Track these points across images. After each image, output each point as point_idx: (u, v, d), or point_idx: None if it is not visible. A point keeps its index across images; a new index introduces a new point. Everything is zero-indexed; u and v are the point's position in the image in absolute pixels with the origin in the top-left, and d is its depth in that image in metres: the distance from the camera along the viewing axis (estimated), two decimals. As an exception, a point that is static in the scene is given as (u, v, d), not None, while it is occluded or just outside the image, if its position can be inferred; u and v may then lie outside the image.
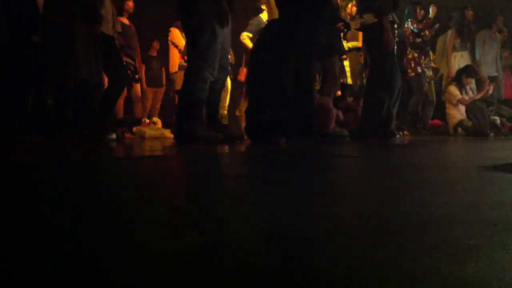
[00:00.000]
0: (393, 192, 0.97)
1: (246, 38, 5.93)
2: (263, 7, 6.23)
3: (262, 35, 3.88)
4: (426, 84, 7.14)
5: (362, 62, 6.48)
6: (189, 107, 3.36)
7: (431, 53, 7.38)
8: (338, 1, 5.18)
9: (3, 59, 3.76)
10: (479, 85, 6.98)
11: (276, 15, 3.95)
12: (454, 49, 7.24)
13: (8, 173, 1.37)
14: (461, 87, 6.82)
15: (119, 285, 0.39)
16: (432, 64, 7.41)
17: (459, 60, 7.15)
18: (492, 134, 6.45)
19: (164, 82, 7.17)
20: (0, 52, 3.73)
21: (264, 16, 6.18)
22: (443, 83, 7.42)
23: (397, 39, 4.72)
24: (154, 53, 7.08)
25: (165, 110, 7.19)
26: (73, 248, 0.50)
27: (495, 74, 7.42)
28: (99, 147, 3.19)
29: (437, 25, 7.19)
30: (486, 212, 0.71)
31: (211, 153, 2.48)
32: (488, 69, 7.32)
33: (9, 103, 3.85)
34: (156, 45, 7.04)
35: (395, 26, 4.55)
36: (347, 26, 4.87)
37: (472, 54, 7.33)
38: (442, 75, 7.50)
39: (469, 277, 0.40)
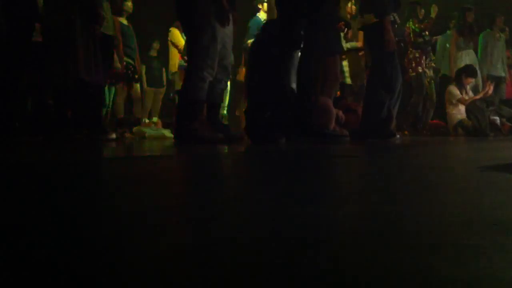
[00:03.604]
0: (393, 192, 0.97)
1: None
2: (260, 6, 6.24)
3: (261, 35, 3.87)
4: (427, 84, 7.13)
5: (362, 62, 6.48)
6: (189, 107, 3.36)
7: (431, 53, 7.37)
8: (338, 0, 5.17)
9: (3, 59, 3.76)
10: (484, 85, 6.98)
11: (275, 14, 3.95)
12: (459, 48, 7.19)
13: (8, 173, 1.37)
14: (461, 87, 6.82)
15: (119, 285, 0.39)
16: (433, 64, 7.40)
17: (466, 58, 7.11)
18: (492, 134, 6.45)
19: (164, 82, 7.17)
20: (0, 52, 3.73)
21: (261, 15, 6.19)
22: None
23: (397, 38, 4.72)
24: (155, 54, 7.09)
25: (165, 110, 7.19)
26: (72, 248, 0.50)
27: (503, 74, 7.38)
28: (98, 147, 3.19)
29: (438, 36, 7.24)
30: (486, 212, 0.71)
31: (211, 153, 2.48)
32: (495, 70, 7.29)
33: (9, 103, 3.85)
34: (156, 45, 7.05)
35: (395, 26, 4.55)
36: (348, 25, 4.87)
37: (477, 53, 7.30)
38: (444, 75, 7.48)
39: (469, 277, 0.40)
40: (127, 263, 0.45)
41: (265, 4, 6.20)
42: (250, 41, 5.88)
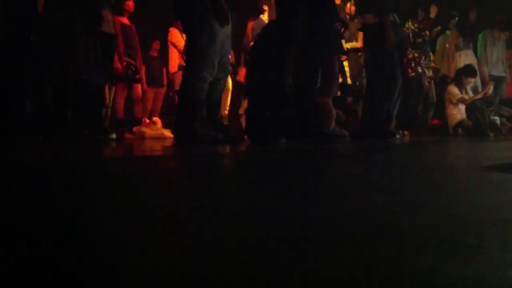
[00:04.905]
0: (392, 192, 0.97)
1: None
2: (265, 7, 6.23)
3: (261, 35, 3.88)
4: (427, 84, 7.13)
5: (362, 62, 6.48)
6: (188, 107, 3.36)
7: (431, 53, 7.36)
8: (337, 1, 5.18)
9: (3, 58, 3.76)
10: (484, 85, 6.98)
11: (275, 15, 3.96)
12: (458, 48, 7.19)
13: (8, 173, 1.37)
14: (461, 86, 6.82)
15: (119, 285, 0.39)
16: (433, 64, 7.40)
17: (464, 58, 7.11)
18: (492, 134, 6.45)
19: (165, 82, 7.17)
20: (0, 52, 3.73)
21: (265, 17, 6.18)
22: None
23: (396, 38, 4.72)
24: (155, 54, 7.08)
25: (165, 110, 7.19)
26: (72, 248, 0.50)
27: (503, 74, 7.37)
28: (98, 147, 3.19)
29: (438, 27, 7.19)
30: (486, 212, 0.71)
31: (211, 153, 2.48)
32: (495, 69, 7.28)
33: (9, 103, 3.85)
34: (156, 45, 7.04)
35: (395, 26, 4.55)
36: (345, 26, 4.87)
37: (476, 53, 7.30)
38: (443, 75, 7.48)
39: (469, 277, 0.40)
40: (127, 263, 0.45)
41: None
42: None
